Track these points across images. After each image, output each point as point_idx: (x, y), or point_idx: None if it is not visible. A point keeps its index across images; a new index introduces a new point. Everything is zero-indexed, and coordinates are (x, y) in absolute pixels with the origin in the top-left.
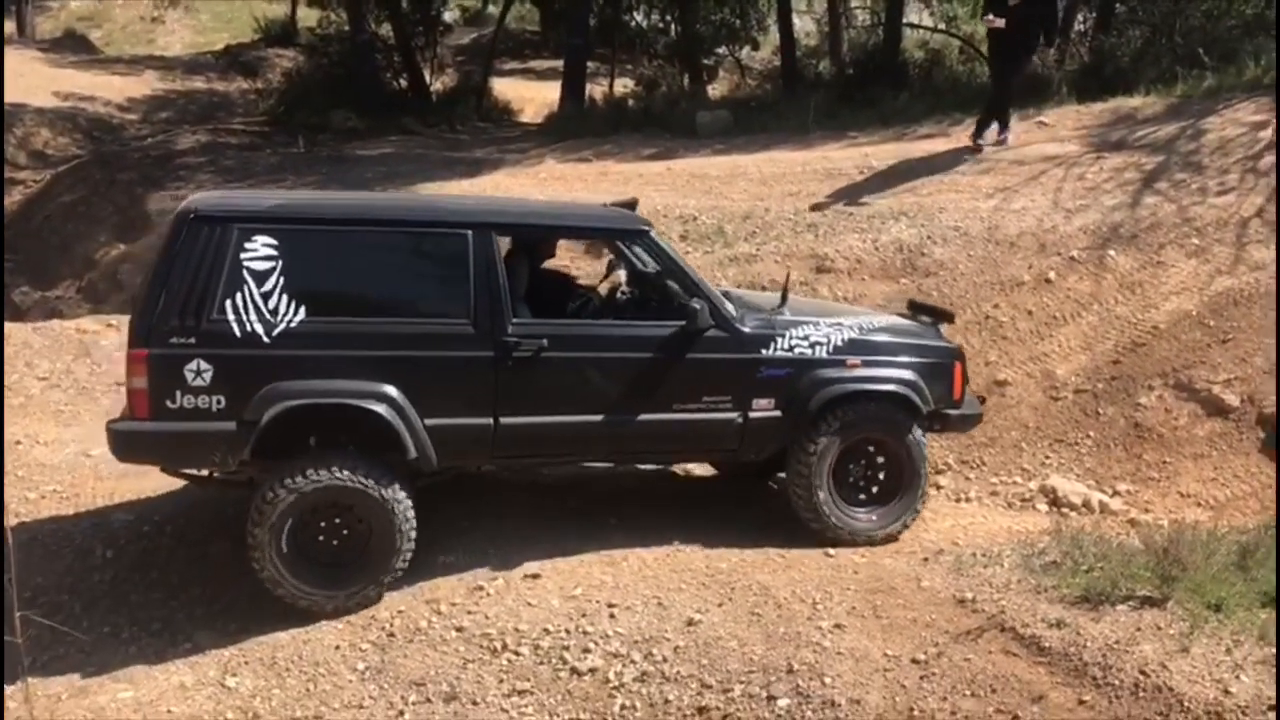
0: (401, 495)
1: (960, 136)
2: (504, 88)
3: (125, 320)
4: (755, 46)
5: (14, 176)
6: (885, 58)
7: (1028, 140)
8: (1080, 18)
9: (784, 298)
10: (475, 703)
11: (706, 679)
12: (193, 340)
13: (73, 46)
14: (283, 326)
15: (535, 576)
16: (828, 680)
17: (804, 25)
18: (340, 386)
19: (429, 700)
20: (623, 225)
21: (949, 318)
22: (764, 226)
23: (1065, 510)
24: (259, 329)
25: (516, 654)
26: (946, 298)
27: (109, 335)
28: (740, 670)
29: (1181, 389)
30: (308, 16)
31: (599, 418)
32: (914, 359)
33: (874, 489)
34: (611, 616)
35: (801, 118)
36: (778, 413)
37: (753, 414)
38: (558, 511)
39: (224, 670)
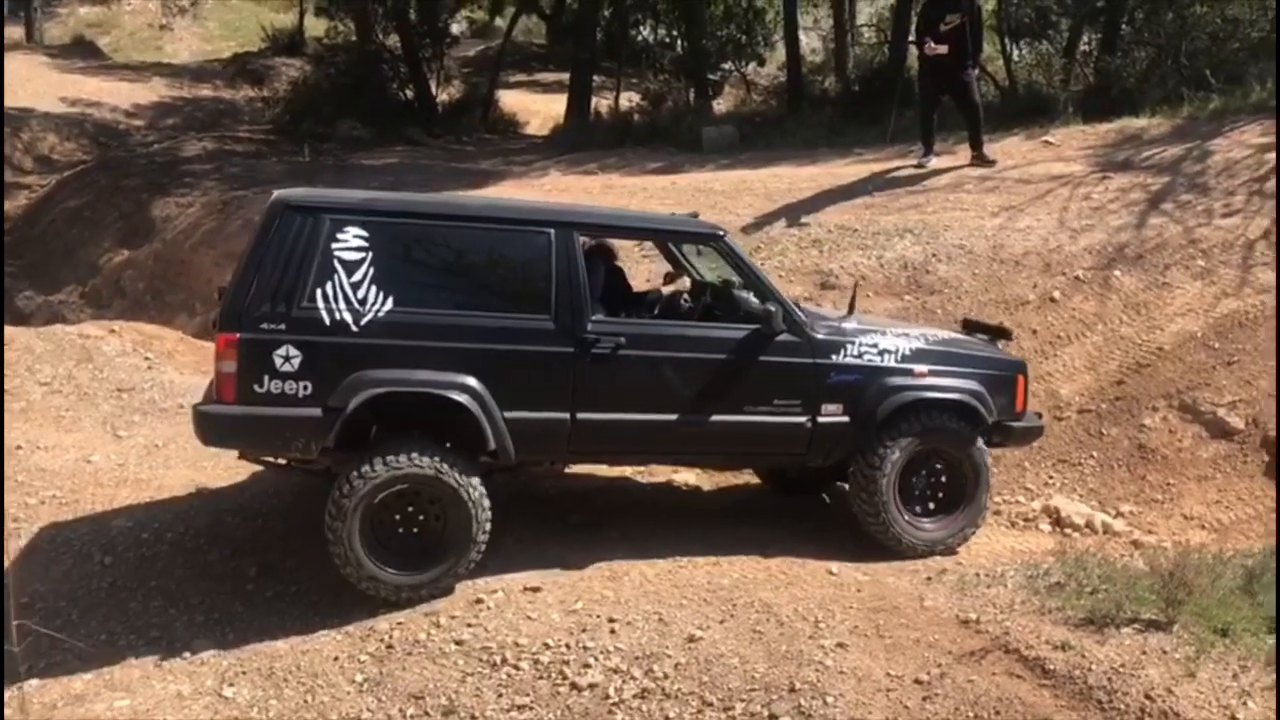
0: (478, 485)
1: (963, 154)
2: (510, 100)
3: (128, 326)
4: (761, 62)
5: (20, 181)
6: (891, 75)
7: (1033, 159)
8: (1086, 39)
9: (851, 307)
10: (474, 717)
11: (707, 696)
12: (283, 326)
13: (81, 53)
14: (370, 316)
15: (536, 590)
16: (830, 700)
17: (810, 42)
18: (425, 377)
19: (427, 714)
20: (699, 230)
21: (1007, 335)
22: (768, 241)
23: (1068, 531)
24: (348, 318)
25: (516, 668)
26: (951, 315)
27: (111, 341)
28: (741, 688)
29: (1186, 411)
30: (315, 26)
31: (672, 417)
32: (979, 370)
33: (937, 499)
34: (612, 631)
35: (807, 134)
36: (846, 418)
37: (821, 419)
38: (559, 525)
39: (221, 680)
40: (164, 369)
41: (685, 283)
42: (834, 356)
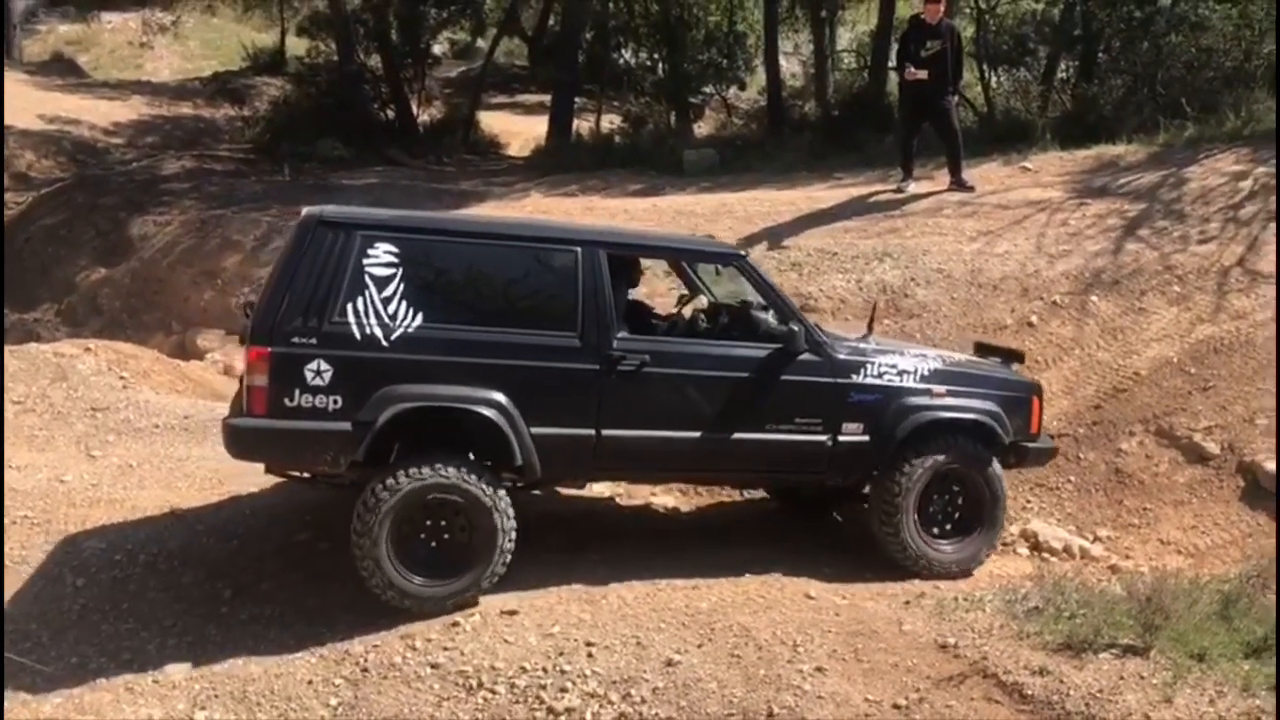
0: (504, 497)
1: (942, 179)
2: (491, 121)
3: (104, 345)
4: (742, 86)
5: None
6: (870, 100)
7: (1011, 185)
8: (1063, 66)
9: (870, 327)
10: None
11: None
12: (314, 341)
13: (60, 70)
14: (401, 331)
15: (513, 613)
16: None
17: (790, 67)
18: (454, 392)
19: None
20: (722, 250)
21: (1020, 358)
22: None
23: (1046, 555)
24: (378, 332)
25: (493, 692)
26: (929, 339)
27: (86, 359)
28: (719, 713)
29: (1162, 435)
30: (297, 46)
31: (696, 434)
32: (996, 391)
33: (954, 521)
34: (590, 655)
35: (787, 158)
36: (866, 438)
37: (842, 438)
38: (537, 546)
39: (193, 704)
40: (140, 389)
41: (702, 302)
42: (854, 376)
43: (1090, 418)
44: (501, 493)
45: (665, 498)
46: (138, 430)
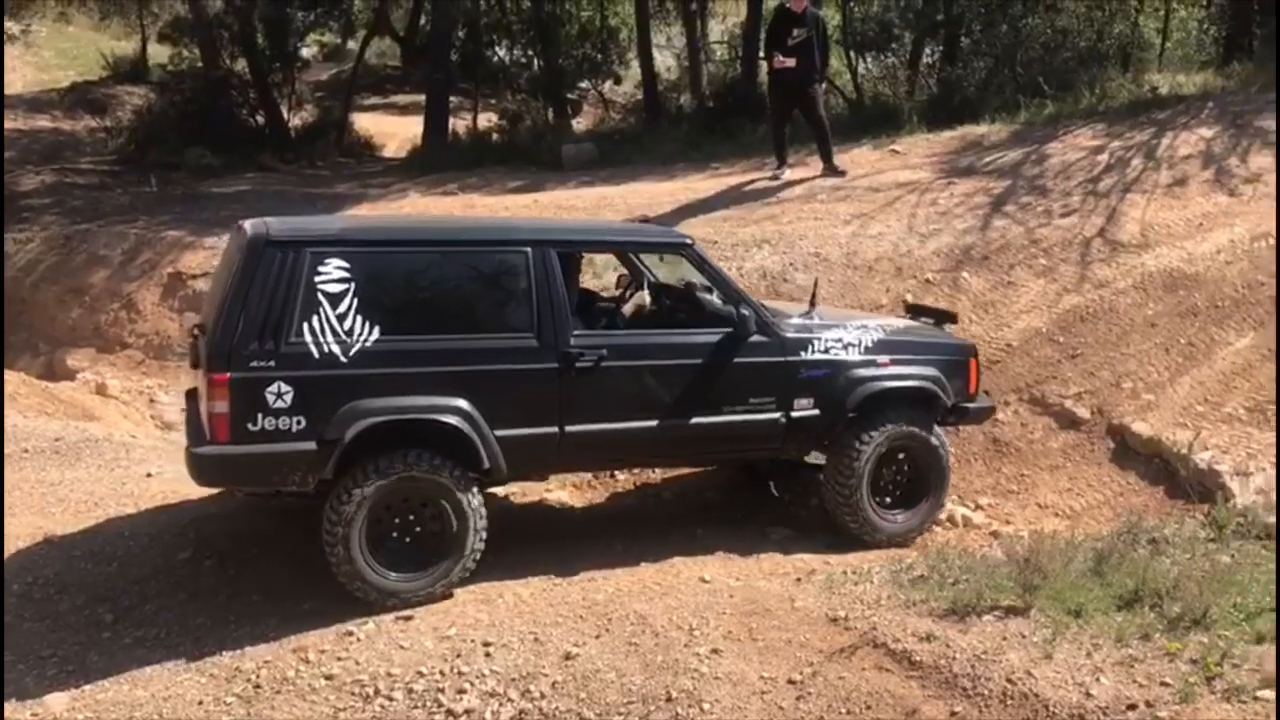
0: (474, 494)
1: (815, 165)
2: (365, 123)
3: None
4: (618, 80)
5: None
6: (743, 90)
7: (881, 168)
8: (928, 50)
9: (813, 303)
10: None
11: (585, 712)
12: (272, 363)
13: None
14: (359, 346)
15: (407, 618)
16: (706, 706)
17: (664, 60)
18: (417, 402)
19: None
20: (669, 239)
21: (952, 318)
22: None
23: (930, 526)
24: (336, 350)
25: (389, 699)
26: None
27: None
28: (619, 701)
29: (1036, 403)
30: (159, 53)
31: (655, 422)
32: (936, 356)
33: (903, 490)
34: (487, 655)
35: (665, 149)
36: (817, 411)
37: (794, 413)
38: None
39: None
40: (6, 413)
41: (645, 295)
42: (803, 353)
43: None
44: (471, 488)
45: (560, 493)
46: (6, 456)
